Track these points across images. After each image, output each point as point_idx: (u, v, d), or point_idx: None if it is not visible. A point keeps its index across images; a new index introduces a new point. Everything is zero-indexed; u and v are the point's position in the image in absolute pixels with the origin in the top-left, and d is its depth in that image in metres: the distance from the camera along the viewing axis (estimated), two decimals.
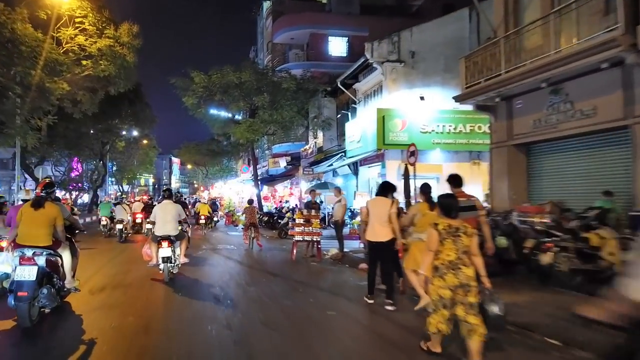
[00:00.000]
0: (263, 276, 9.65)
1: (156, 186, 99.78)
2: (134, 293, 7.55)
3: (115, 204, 18.16)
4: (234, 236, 18.44)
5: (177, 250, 8.59)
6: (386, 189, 7.18)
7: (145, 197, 50.23)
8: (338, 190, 12.35)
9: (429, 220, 5.38)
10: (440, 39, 17.79)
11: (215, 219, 23.51)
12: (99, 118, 33.56)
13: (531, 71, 9.47)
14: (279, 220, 19.73)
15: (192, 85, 21.63)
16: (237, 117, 23.66)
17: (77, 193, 40.32)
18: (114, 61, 21.05)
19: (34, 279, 5.23)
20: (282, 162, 28.48)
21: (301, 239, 11.20)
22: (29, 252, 5.37)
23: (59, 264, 5.86)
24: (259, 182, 24.86)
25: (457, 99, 12.28)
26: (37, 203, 5.64)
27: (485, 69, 11.12)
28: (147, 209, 17.13)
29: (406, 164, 10.76)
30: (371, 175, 19.70)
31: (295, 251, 11.47)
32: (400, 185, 17.63)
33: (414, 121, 17.00)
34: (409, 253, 6.73)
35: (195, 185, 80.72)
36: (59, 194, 38.23)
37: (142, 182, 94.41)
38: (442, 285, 4.35)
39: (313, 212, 11.32)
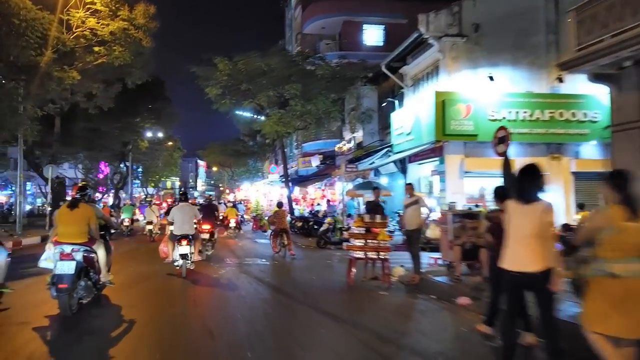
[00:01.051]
0: (316, 321, 6.12)
1: (182, 189, 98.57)
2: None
3: (143, 206, 19.70)
4: (264, 245, 15.62)
5: (193, 249, 9.06)
6: (533, 182, 4.08)
7: (169, 200, 48.27)
8: (411, 187, 9.03)
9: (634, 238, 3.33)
10: (509, 8, 14.54)
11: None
12: (119, 116, 31.53)
13: None
14: (315, 226, 16.82)
15: (215, 74, 18.98)
16: (265, 111, 20.86)
17: (100, 195, 38.57)
18: (128, 47, 18.59)
19: (73, 272, 5.73)
20: (315, 161, 25.57)
21: (362, 256, 7.82)
22: (67, 249, 5.87)
23: (95, 260, 6.30)
24: (290, 183, 22.00)
25: (565, 65, 9.13)
26: (72, 204, 6.17)
27: (612, 21, 7.92)
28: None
29: (505, 157, 7.66)
30: (423, 173, 16.58)
31: (353, 271, 8.11)
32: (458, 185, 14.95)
33: (480, 107, 13.83)
34: (590, 299, 3.68)
35: (221, 188, 78.65)
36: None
37: (169, 185, 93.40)
38: None
39: (378, 218, 8.09)
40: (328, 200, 23.96)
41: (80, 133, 33.02)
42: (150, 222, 17.81)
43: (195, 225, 9.58)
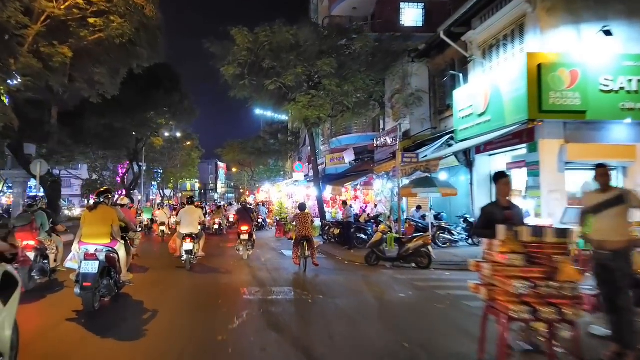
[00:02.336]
0: None
1: (202, 191, 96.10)
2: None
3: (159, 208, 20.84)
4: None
5: (197, 246, 10.30)
6: None
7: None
8: (605, 172, 4.30)
9: None
10: None
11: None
12: (130, 110, 28.53)
13: None
14: (359, 234, 13.17)
15: (232, 49, 15.52)
16: (292, 95, 17.26)
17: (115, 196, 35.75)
18: (129, 17, 15.30)
19: (96, 271, 5.98)
20: (348, 157, 21.84)
21: (527, 316, 3.43)
22: (91, 249, 6.17)
23: (117, 260, 6.51)
24: (320, 182, 18.36)
25: None
26: (93, 207, 6.57)
27: None
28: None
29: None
30: (495, 166, 12.76)
31: (507, 338, 3.65)
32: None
33: (589, 73, 9.98)
34: None
35: (241, 190, 75.63)
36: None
37: (189, 187, 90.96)
38: None
39: (551, 235, 3.57)
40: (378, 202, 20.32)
41: (90, 129, 30.34)
42: (162, 223, 18.76)
43: (200, 226, 10.63)
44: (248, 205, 15.57)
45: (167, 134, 46.82)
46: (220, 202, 34.01)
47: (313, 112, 14.74)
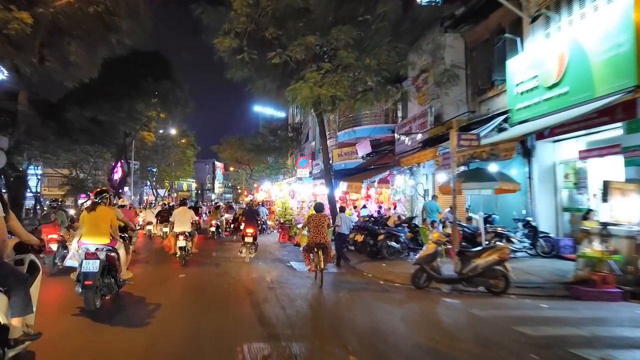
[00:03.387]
0: None
1: (199, 192, 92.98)
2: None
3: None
4: (305, 278, 9.02)
5: (190, 243, 10.87)
6: None
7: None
8: None
9: None
10: None
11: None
12: (118, 101, 25.61)
13: None
14: (389, 243, 10.27)
15: (229, 15, 12.63)
16: (299, 72, 14.32)
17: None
18: None
19: (97, 270, 5.99)
20: (363, 150, 18.90)
21: None
22: (92, 248, 6.18)
23: (116, 259, 6.51)
24: (333, 178, 15.41)
25: None
26: (91, 207, 6.53)
27: None
28: (162, 213, 17.92)
29: None
30: (562, 156, 9.92)
31: None
32: None
33: None
34: None
35: (239, 190, 72.51)
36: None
37: (185, 187, 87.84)
38: None
39: None
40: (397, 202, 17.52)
41: (74, 122, 27.39)
42: (149, 223, 18.97)
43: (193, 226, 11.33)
44: (254, 207, 13.11)
45: (161, 131, 44.15)
46: (218, 202, 30.83)
47: (328, 90, 11.83)
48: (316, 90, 12.11)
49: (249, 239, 11.51)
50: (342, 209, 12.42)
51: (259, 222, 13.47)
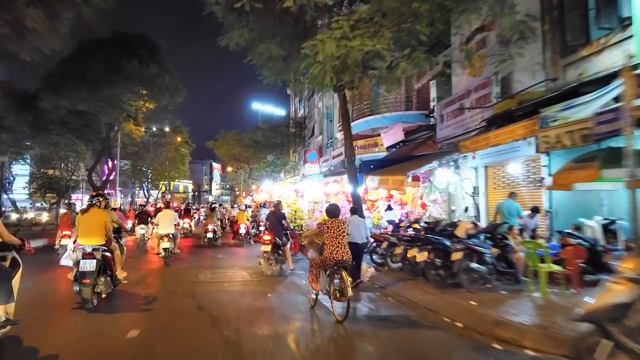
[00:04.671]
0: None
1: (195, 193, 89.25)
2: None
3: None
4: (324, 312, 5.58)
5: (173, 244, 11.28)
6: None
7: (175, 204, 38.63)
8: None
9: None
10: None
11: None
12: (98, 86, 22.01)
13: None
14: (471, 265, 6.70)
15: None
16: (317, 26, 10.71)
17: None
18: None
19: (94, 269, 6.22)
20: (392, 138, 15.20)
21: None
22: (89, 249, 6.41)
23: (112, 259, 6.80)
24: (358, 172, 11.76)
25: None
26: (85, 210, 6.81)
27: None
28: (140, 215, 17.00)
29: None
30: None
31: None
32: None
33: None
34: None
35: (237, 192, 68.73)
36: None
37: (181, 188, 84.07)
38: None
39: None
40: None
41: (51, 113, 23.81)
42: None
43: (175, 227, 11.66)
44: (280, 210, 10.72)
45: (154, 129, 40.52)
46: (215, 203, 26.83)
47: (363, 43, 8.28)
48: (344, 46, 8.54)
49: (266, 247, 9.64)
50: (355, 211, 8.93)
51: (285, 228, 10.25)
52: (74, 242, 6.82)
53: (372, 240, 9.84)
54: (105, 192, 31.30)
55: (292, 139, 31.92)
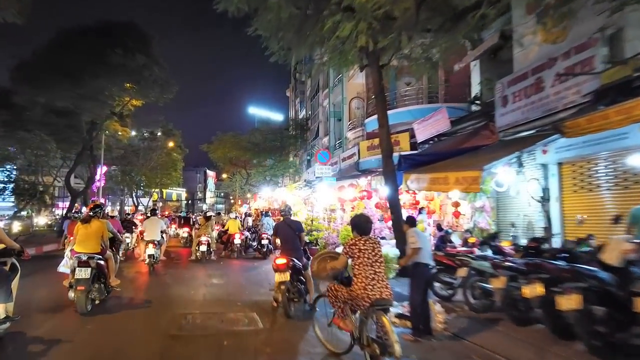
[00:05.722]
0: None
1: (189, 201, 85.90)
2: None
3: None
4: None
5: (158, 251, 11.27)
6: None
7: (166, 212, 35.51)
8: None
9: None
10: None
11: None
12: (79, 78, 19.12)
13: None
14: None
15: None
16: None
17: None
18: None
19: (89, 277, 6.37)
20: (435, 127, 12.09)
21: None
22: (84, 257, 6.54)
23: (106, 267, 6.92)
24: (396, 168, 8.89)
25: None
26: (86, 220, 6.94)
27: None
28: (125, 224, 15.09)
29: None
30: None
31: None
32: None
33: None
34: None
35: (232, 200, 65.52)
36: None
37: (174, 197, 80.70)
38: None
39: None
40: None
41: (27, 110, 20.90)
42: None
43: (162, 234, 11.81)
44: (294, 219, 7.65)
45: (145, 134, 37.53)
46: (209, 212, 23.25)
47: None
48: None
49: (282, 276, 6.52)
50: (411, 221, 6.04)
51: (301, 242, 7.21)
52: (71, 250, 7.10)
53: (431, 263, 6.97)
54: (91, 199, 28.24)
55: (293, 142, 29.05)
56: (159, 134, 38.40)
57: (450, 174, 7.26)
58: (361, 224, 4.55)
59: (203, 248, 13.24)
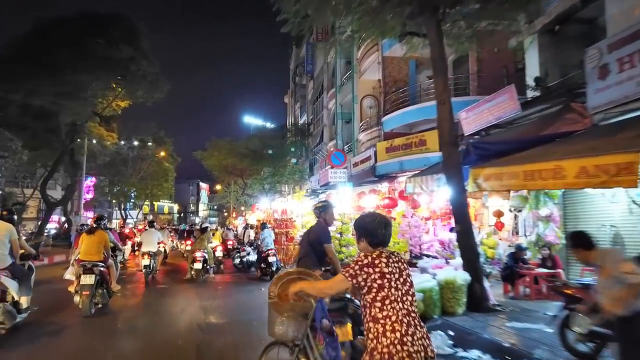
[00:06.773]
0: None
1: (181, 214, 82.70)
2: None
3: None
4: None
5: (155, 262, 11.67)
6: None
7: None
8: None
9: None
10: None
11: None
12: (58, 71, 16.61)
13: None
14: None
15: None
16: None
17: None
18: None
19: (93, 283, 6.96)
20: (502, 110, 9.46)
21: None
22: (89, 265, 7.09)
23: (108, 274, 7.47)
24: (462, 163, 6.55)
25: None
26: (91, 231, 7.54)
27: None
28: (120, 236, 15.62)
29: None
30: None
31: None
32: None
33: None
34: None
35: (225, 213, 62.57)
36: None
37: (166, 209, 77.48)
38: None
39: None
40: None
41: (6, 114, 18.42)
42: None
43: (159, 245, 12.34)
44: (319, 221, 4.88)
45: (135, 143, 34.98)
46: (205, 223, 20.04)
47: None
48: None
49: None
50: (586, 241, 3.51)
51: (325, 261, 4.74)
52: (75, 259, 7.67)
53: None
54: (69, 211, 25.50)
55: (295, 148, 26.53)
56: (149, 142, 35.87)
57: (566, 163, 4.85)
58: (374, 229, 2.54)
59: (198, 266, 11.00)
